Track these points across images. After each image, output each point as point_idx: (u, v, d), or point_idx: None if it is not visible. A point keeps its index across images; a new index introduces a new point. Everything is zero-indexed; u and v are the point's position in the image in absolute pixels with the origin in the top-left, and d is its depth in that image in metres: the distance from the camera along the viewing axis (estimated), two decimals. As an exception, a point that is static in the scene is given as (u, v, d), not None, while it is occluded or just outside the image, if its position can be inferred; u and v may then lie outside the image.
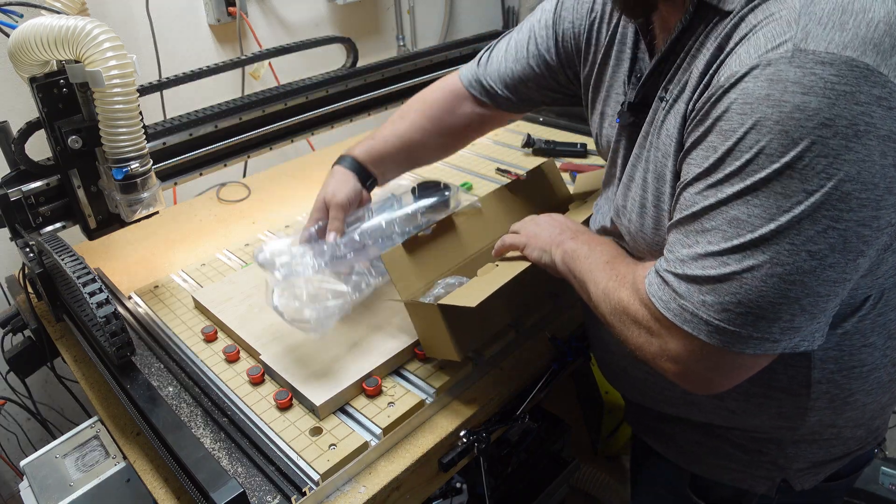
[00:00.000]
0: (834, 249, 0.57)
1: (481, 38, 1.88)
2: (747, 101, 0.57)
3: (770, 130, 0.55)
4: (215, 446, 0.88)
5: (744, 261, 0.59)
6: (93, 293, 0.85)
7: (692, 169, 0.63)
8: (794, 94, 0.54)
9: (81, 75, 0.97)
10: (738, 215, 0.59)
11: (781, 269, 0.58)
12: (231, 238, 1.43)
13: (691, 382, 0.68)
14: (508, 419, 0.99)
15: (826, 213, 0.56)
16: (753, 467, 0.85)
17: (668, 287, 0.65)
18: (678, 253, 0.64)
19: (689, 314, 0.63)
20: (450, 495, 1.13)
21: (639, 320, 0.70)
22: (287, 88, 1.46)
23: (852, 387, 0.76)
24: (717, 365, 0.65)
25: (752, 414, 0.80)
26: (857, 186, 0.55)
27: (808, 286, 0.58)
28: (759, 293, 0.59)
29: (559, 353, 1.05)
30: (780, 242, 0.57)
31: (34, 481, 0.97)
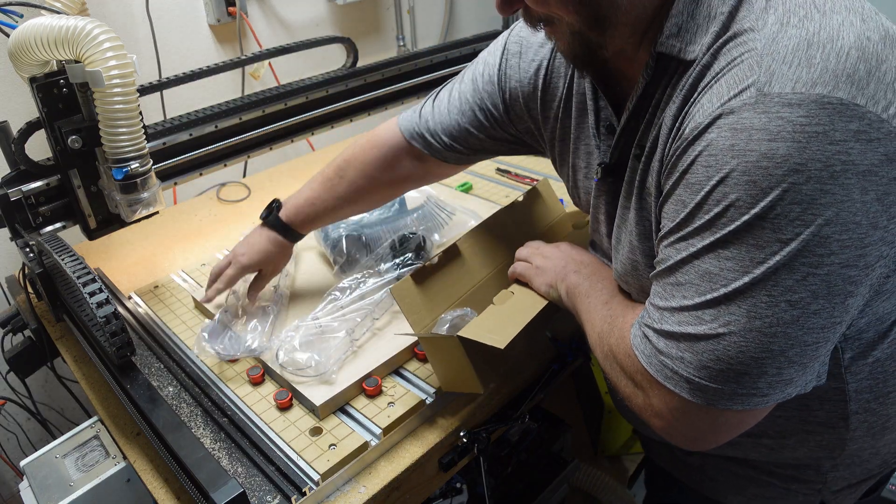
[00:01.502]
0: (817, 296, 0.54)
1: (481, 38, 1.88)
2: (711, 153, 0.54)
3: (737, 182, 0.52)
4: (215, 446, 0.88)
5: (719, 316, 0.56)
6: (93, 293, 0.85)
7: (665, 223, 0.61)
8: (761, 142, 0.51)
9: (81, 75, 0.97)
10: (709, 269, 0.56)
11: (760, 323, 0.55)
12: (231, 238, 1.43)
13: (677, 439, 0.65)
14: (508, 419, 0.99)
15: (804, 261, 0.52)
16: (791, 494, 0.83)
17: (649, 342, 0.62)
18: (657, 306, 0.62)
19: (670, 371, 0.60)
20: (450, 495, 1.13)
21: (626, 371, 0.67)
22: (287, 88, 1.46)
23: (890, 412, 0.74)
24: (703, 422, 0.62)
25: (792, 449, 0.77)
26: (836, 229, 0.51)
27: (791, 337, 0.55)
28: (738, 349, 0.56)
29: (559, 353, 1.05)
30: (756, 295, 0.54)
31: (34, 481, 0.97)
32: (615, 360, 0.69)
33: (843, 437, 0.74)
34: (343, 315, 1.03)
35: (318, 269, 1.23)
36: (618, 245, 0.76)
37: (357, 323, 1.00)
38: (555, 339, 1.06)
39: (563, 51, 0.68)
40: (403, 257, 1.11)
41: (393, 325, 1.04)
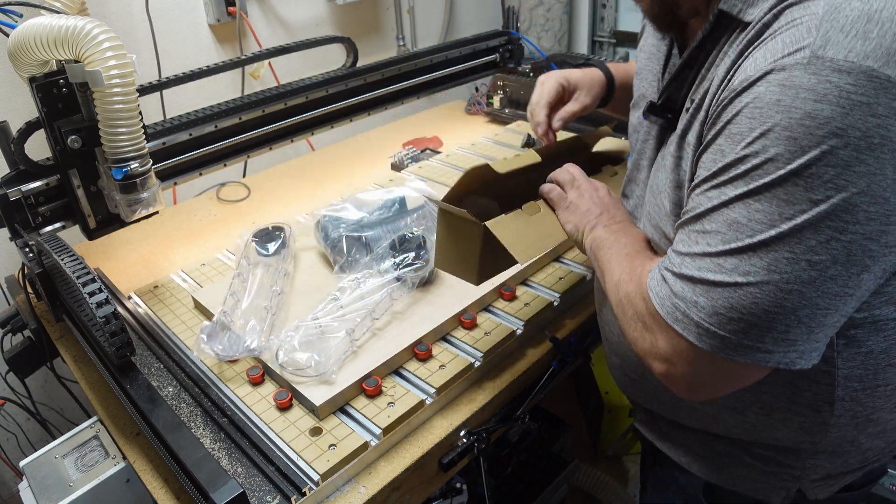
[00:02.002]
0: (836, 261, 0.55)
1: (481, 38, 1.88)
2: (758, 105, 0.56)
3: (778, 137, 0.54)
4: (215, 446, 0.88)
5: (739, 266, 0.58)
6: (92, 293, 0.85)
7: (701, 171, 0.63)
8: (806, 101, 0.53)
9: (81, 75, 0.97)
10: (738, 218, 0.58)
11: (778, 277, 0.56)
12: (231, 238, 1.43)
13: (676, 385, 0.67)
14: (508, 419, 0.99)
15: (830, 224, 0.54)
16: (771, 478, 0.84)
17: (666, 284, 0.64)
18: (679, 251, 0.64)
19: (681, 314, 0.62)
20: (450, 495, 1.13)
21: (638, 314, 0.69)
22: (287, 88, 1.46)
23: (876, 405, 0.75)
24: (704, 369, 0.64)
25: (774, 428, 0.78)
26: (865, 199, 0.53)
27: (805, 297, 0.57)
28: (752, 300, 0.58)
29: (559, 353, 1.05)
30: (778, 250, 0.56)
31: (34, 481, 0.96)
32: (629, 303, 0.71)
33: (826, 421, 0.75)
34: (343, 315, 1.03)
35: (318, 269, 1.23)
36: (652, 190, 0.79)
37: (357, 323, 1.00)
38: (555, 339, 1.06)
39: (646, 11, 0.73)
40: (403, 257, 1.11)
41: (393, 325, 1.04)
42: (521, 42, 1.98)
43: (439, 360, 1.00)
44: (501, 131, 1.87)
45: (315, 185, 1.67)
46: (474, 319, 1.06)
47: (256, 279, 1.13)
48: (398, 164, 1.69)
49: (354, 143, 1.93)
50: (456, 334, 1.06)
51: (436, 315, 1.06)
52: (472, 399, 0.97)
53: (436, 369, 0.98)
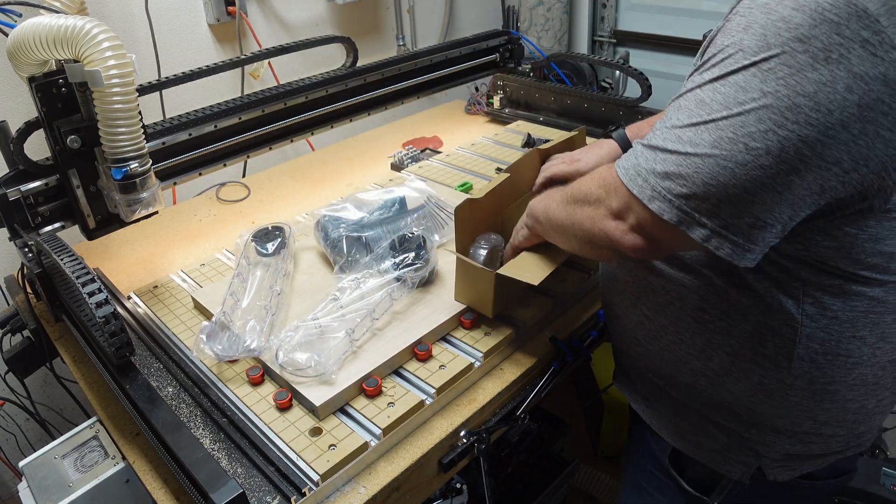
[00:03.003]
0: (769, 152, 0.61)
1: (481, 38, 1.88)
2: (750, 6, 0.63)
3: (754, 33, 0.62)
4: (215, 447, 0.88)
5: (693, 138, 0.65)
6: (92, 293, 0.85)
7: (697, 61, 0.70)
8: (785, 7, 0.60)
9: (80, 75, 0.96)
10: (704, 98, 0.65)
11: (718, 153, 0.63)
12: (231, 238, 1.43)
13: (626, 243, 0.72)
14: (508, 419, 0.99)
15: (772, 117, 0.60)
16: (732, 451, 0.87)
17: (633, 154, 0.72)
18: (654, 128, 0.71)
19: (641, 179, 0.69)
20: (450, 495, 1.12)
21: (589, 196, 0.78)
22: (287, 88, 1.46)
23: (834, 374, 0.77)
24: (652, 229, 0.70)
25: (735, 379, 0.81)
26: (809, 104, 0.59)
27: (736, 175, 0.63)
28: (695, 169, 0.64)
29: (559, 353, 1.05)
30: (724, 129, 0.63)
31: (33, 482, 0.96)
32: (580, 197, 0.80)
33: (784, 380, 0.78)
34: (343, 315, 1.03)
35: (318, 269, 1.23)
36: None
37: (357, 323, 1.00)
38: (555, 339, 1.06)
39: None
40: (403, 257, 1.11)
41: (393, 325, 1.04)
42: (521, 42, 1.98)
43: (439, 360, 1.00)
44: (501, 131, 1.87)
45: (315, 185, 1.67)
46: (474, 319, 1.06)
47: (256, 279, 1.13)
48: (398, 164, 1.68)
49: (354, 143, 1.93)
50: (456, 334, 1.06)
51: (436, 315, 1.06)
52: (472, 399, 0.97)
53: (436, 369, 0.98)
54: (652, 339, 0.89)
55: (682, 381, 0.88)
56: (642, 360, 0.94)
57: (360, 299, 1.05)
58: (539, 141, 1.69)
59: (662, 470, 0.97)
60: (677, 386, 0.89)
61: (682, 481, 0.95)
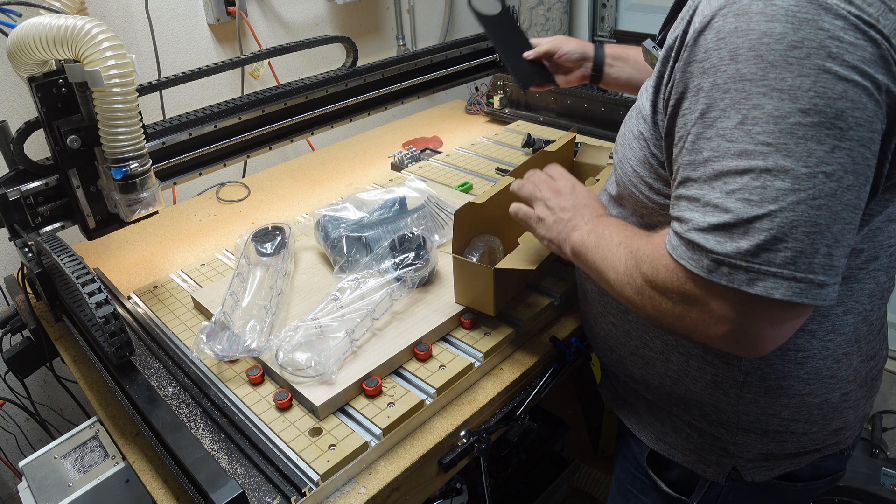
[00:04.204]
0: (846, 170, 0.57)
1: (481, 38, 1.87)
2: (720, 37, 0.60)
3: (746, 57, 0.58)
4: (215, 447, 0.88)
5: (766, 193, 0.57)
6: (92, 293, 0.85)
7: (688, 118, 0.63)
8: (759, 23, 0.57)
9: (80, 75, 0.96)
10: (744, 147, 0.58)
11: (805, 195, 0.56)
12: (231, 238, 1.43)
13: (741, 343, 0.64)
14: (508, 419, 0.99)
15: (828, 133, 0.56)
16: (705, 451, 0.87)
17: (695, 246, 0.62)
18: (695, 207, 0.62)
19: (726, 266, 0.60)
20: (450, 495, 1.13)
21: (669, 291, 0.66)
22: (287, 88, 1.46)
23: (785, 369, 0.77)
24: (763, 316, 0.61)
25: (693, 379, 0.82)
26: (848, 104, 0.56)
27: (833, 210, 0.57)
28: (791, 224, 0.57)
29: (559, 353, 1.05)
30: (795, 166, 0.56)
31: (33, 482, 0.96)
32: (652, 287, 0.68)
33: (735, 378, 0.78)
34: (343, 315, 1.03)
35: (318, 269, 1.23)
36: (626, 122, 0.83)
37: (357, 323, 1.00)
38: (555, 339, 1.06)
39: None
40: (403, 257, 1.11)
41: (393, 325, 1.04)
42: (521, 42, 1.98)
43: (439, 360, 1.00)
44: (501, 131, 1.87)
45: (315, 185, 1.67)
46: (474, 320, 1.06)
47: (256, 279, 1.13)
48: (398, 164, 1.68)
49: (354, 143, 1.93)
50: (456, 334, 1.06)
51: (436, 315, 1.06)
52: (472, 399, 0.97)
53: (436, 369, 0.98)
54: (621, 345, 0.90)
55: (653, 383, 0.88)
56: (617, 365, 0.94)
57: (360, 299, 1.05)
58: (539, 141, 1.69)
59: (643, 472, 0.98)
60: (650, 388, 0.90)
61: (660, 482, 0.95)
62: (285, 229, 1.26)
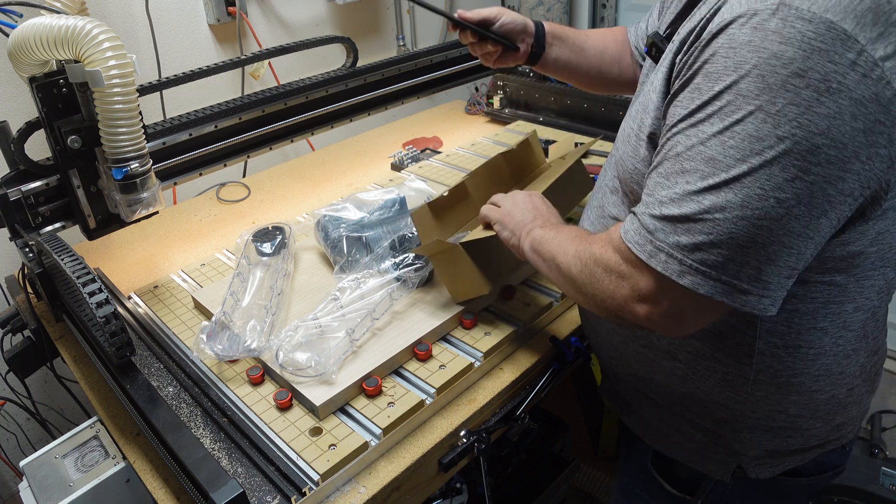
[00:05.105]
0: (800, 201, 0.60)
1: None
2: (732, 45, 0.60)
3: (748, 74, 0.59)
4: (215, 446, 0.88)
5: (717, 202, 0.61)
6: (92, 293, 0.85)
7: (678, 111, 0.66)
8: (773, 43, 0.58)
9: (81, 75, 0.97)
10: (714, 155, 0.61)
11: (751, 213, 0.60)
12: (231, 238, 1.43)
13: (658, 323, 0.70)
14: (508, 419, 0.99)
15: (795, 163, 0.58)
16: (710, 450, 0.87)
17: (643, 228, 0.67)
18: (657, 195, 0.67)
19: (664, 255, 0.65)
20: (450, 495, 1.13)
21: (610, 266, 0.72)
22: (287, 88, 1.46)
23: (797, 366, 0.77)
24: (685, 305, 0.67)
25: (702, 377, 0.82)
26: (825, 141, 0.58)
27: (774, 233, 0.61)
28: (729, 234, 0.61)
29: (559, 353, 1.05)
30: (751, 186, 0.60)
31: (34, 481, 0.97)
32: (596, 263, 0.75)
33: (746, 376, 0.78)
34: (343, 315, 1.03)
35: (318, 269, 1.23)
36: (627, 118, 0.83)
37: (357, 323, 1.00)
38: (555, 339, 1.06)
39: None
40: (403, 257, 1.11)
41: (393, 325, 1.04)
42: (521, 42, 1.98)
43: (439, 360, 1.00)
44: (501, 131, 1.87)
45: (315, 185, 1.67)
46: (474, 319, 1.06)
47: (256, 279, 1.13)
48: (398, 164, 1.69)
49: (354, 143, 1.93)
50: (456, 334, 1.06)
51: (436, 315, 1.06)
52: (472, 399, 0.97)
53: (436, 369, 0.98)
54: (625, 344, 0.90)
55: (658, 381, 0.88)
56: (621, 365, 0.94)
57: (360, 299, 1.06)
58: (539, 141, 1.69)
59: (647, 473, 0.97)
60: (654, 388, 0.90)
61: (664, 483, 0.95)
62: (285, 229, 1.26)
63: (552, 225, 0.90)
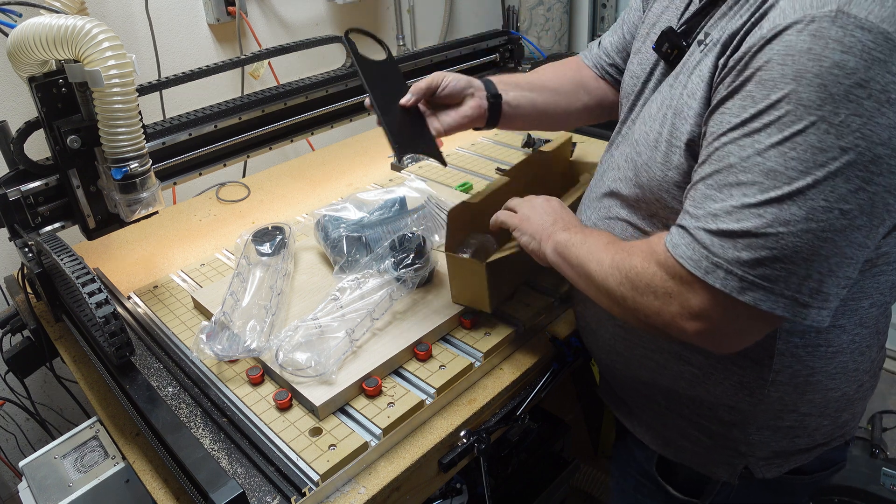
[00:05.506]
0: (863, 211, 0.59)
1: (481, 38, 1.88)
2: (789, 52, 0.58)
3: (810, 83, 0.57)
4: (215, 447, 0.88)
5: (780, 215, 0.59)
6: (92, 293, 0.85)
7: (727, 118, 0.63)
8: (835, 52, 0.56)
9: (80, 75, 0.96)
10: (774, 167, 0.59)
11: (816, 226, 0.59)
12: (231, 238, 1.43)
13: (710, 340, 0.68)
14: (508, 419, 0.99)
15: (859, 174, 0.57)
16: (716, 452, 0.87)
17: (699, 244, 0.64)
18: (709, 208, 0.64)
19: (723, 271, 0.63)
20: (450, 496, 1.12)
21: (655, 283, 0.69)
22: (287, 88, 1.46)
23: (815, 365, 0.77)
24: (741, 322, 0.65)
25: (716, 381, 0.81)
26: (887, 151, 0.57)
27: (837, 244, 0.60)
28: (794, 248, 0.60)
29: (559, 353, 1.05)
30: (815, 198, 0.58)
31: (33, 482, 0.96)
32: (638, 278, 0.71)
33: (765, 377, 0.77)
34: (343, 315, 1.03)
35: (318, 269, 1.23)
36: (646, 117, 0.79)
37: (357, 323, 1.00)
38: (555, 339, 1.06)
39: None
40: (403, 257, 1.11)
41: (393, 325, 1.04)
42: (521, 42, 1.98)
43: (439, 360, 1.00)
44: (501, 131, 1.87)
45: (315, 185, 1.67)
46: (474, 320, 1.06)
47: (256, 279, 1.13)
48: (398, 164, 1.68)
49: (354, 143, 1.93)
50: (456, 334, 1.06)
51: (436, 315, 1.06)
52: (472, 399, 0.97)
53: (436, 369, 0.98)
54: (630, 349, 0.88)
55: (664, 384, 0.87)
56: (624, 369, 0.93)
57: (360, 299, 1.05)
58: (539, 141, 1.69)
59: (649, 478, 0.96)
60: (659, 391, 0.89)
61: (669, 488, 0.94)
62: (285, 229, 1.26)
63: (576, 228, 0.87)
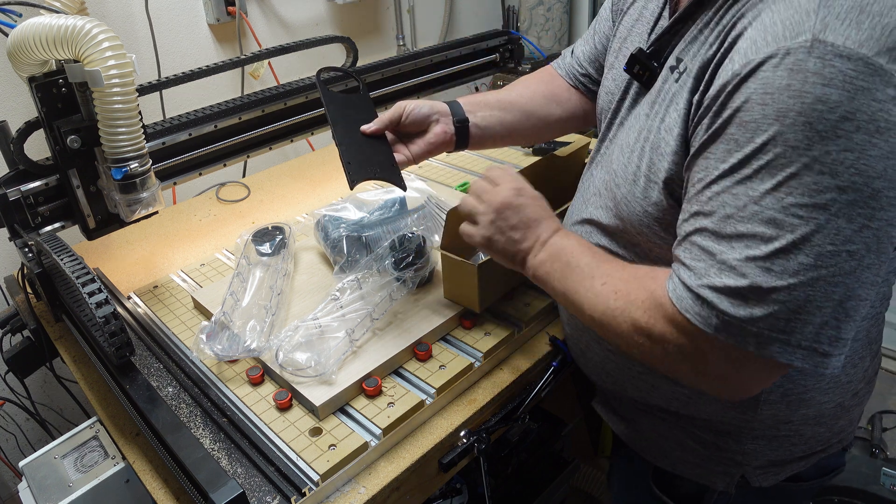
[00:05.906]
0: (870, 250, 0.56)
1: (481, 38, 1.87)
2: (767, 91, 0.55)
3: (794, 123, 0.54)
4: (215, 447, 0.88)
5: (787, 265, 0.56)
6: (92, 293, 0.85)
7: (713, 164, 0.60)
8: (815, 86, 0.53)
9: (80, 75, 0.96)
10: (773, 215, 0.56)
11: (826, 272, 0.56)
12: (231, 238, 1.43)
13: (728, 391, 0.66)
14: (508, 419, 0.99)
15: (860, 212, 0.55)
16: (712, 462, 0.86)
17: (706, 303, 0.61)
18: (710, 263, 0.61)
19: (736, 328, 0.59)
20: (450, 495, 1.12)
21: (665, 340, 0.65)
22: (287, 88, 1.46)
23: (807, 383, 0.76)
24: (758, 375, 0.63)
25: (708, 400, 0.80)
26: (885, 184, 0.55)
27: (849, 287, 0.57)
28: (806, 299, 0.57)
29: (559, 353, 1.05)
30: (821, 244, 0.56)
31: (33, 482, 0.96)
32: (645, 335, 0.67)
33: (757, 397, 0.76)
34: (343, 315, 1.03)
35: (318, 269, 1.23)
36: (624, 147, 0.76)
37: (357, 323, 1.00)
38: (555, 339, 1.06)
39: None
40: (403, 257, 1.11)
41: (393, 325, 1.04)
42: (521, 42, 1.98)
43: (439, 360, 1.00)
44: (501, 131, 1.86)
45: (315, 185, 1.67)
46: (474, 319, 1.06)
47: (256, 279, 1.13)
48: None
49: (354, 143, 1.93)
50: (456, 334, 1.06)
51: (436, 315, 1.06)
52: (472, 399, 0.97)
53: (436, 369, 0.98)
54: (621, 371, 0.87)
55: (655, 404, 0.87)
56: (616, 388, 0.92)
57: (360, 299, 1.05)
58: (554, 145, 1.69)
59: (648, 491, 0.96)
60: (652, 408, 0.88)
61: (667, 500, 0.94)
62: (285, 229, 1.26)
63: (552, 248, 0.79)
